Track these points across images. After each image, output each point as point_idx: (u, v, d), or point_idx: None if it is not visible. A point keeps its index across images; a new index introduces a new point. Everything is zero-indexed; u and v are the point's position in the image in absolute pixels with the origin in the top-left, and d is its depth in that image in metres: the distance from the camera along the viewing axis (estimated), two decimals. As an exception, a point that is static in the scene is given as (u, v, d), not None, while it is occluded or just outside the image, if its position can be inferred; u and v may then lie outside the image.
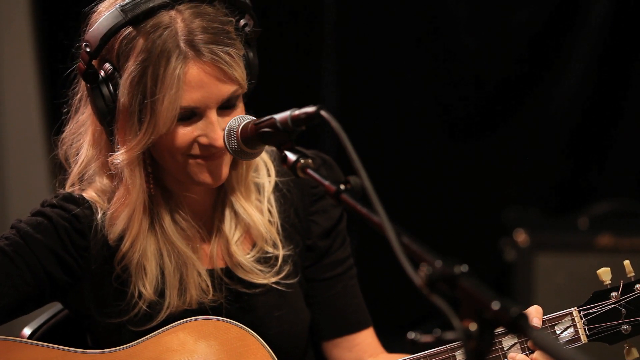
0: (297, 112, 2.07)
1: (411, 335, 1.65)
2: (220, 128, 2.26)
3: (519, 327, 1.54)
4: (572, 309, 2.30)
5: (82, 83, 2.36)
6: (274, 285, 2.45)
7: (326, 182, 1.94)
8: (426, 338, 1.64)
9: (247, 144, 2.22)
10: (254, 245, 2.46)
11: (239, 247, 2.43)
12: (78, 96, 2.40)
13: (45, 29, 5.09)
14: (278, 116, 2.11)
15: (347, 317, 2.54)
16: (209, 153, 2.29)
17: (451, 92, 5.33)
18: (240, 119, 2.25)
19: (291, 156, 2.04)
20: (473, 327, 1.57)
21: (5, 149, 5.14)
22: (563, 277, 4.64)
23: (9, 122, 5.14)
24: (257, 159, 2.45)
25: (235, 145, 2.24)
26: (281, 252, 2.46)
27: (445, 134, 5.38)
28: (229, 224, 2.43)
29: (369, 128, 5.19)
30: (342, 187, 1.91)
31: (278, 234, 2.47)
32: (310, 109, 2.03)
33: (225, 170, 2.33)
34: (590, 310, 2.29)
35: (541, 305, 2.26)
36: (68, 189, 2.42)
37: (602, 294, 2.30)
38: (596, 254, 4.67)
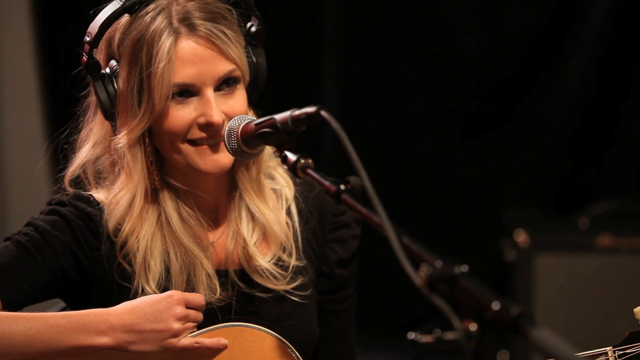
0: (297, 112, 2.06)
1: (411, 335, 1.65)
2: (218, 107, 2.27)
3: (519, 327, 1.54)
4: (608, 348, 2.27)
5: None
6: (286, 294, 2.41)
7: (326, 182, 1.94)
8: (426, 338, 1.64)
9: (247, 144, 2.21)
10: (269, 250, 2.42)
11: (257, 250, 2.41)
12: (88, 102, 2.41)
13: (45, 28, 5.10)
14: (278, 116, 2.11)
15: (331, 352, 2.53)
16: (208, 134, 2.28)
17: (451, 92, 5.33)
18: (240, 119, 2.24)
19: (291, 156, 2.04)
20: (473, 327, 1.58)
21: (5, 149, 5.14)
22: (563, 277, 4.63)
23: (9, 122, 5.14)
24: (273, 171, 2.45)
25: (235, 145, 2.23)
26: (293, 261, 2.42)
27: (445, 134, 5.38)
28: (246, 226, 2.41)
29: (369, 128, 5.19)
30: (342, 187, 1.91)
31: (296, 242, 2.44)
32: (310, 109, 2.03)
33: (225, 158, 2.31)
34: (626, 351, 2.26)
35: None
36: (67, 184, 2.41)
37: (638, 334, 2.26)
38: (596, 254, 4.67)
